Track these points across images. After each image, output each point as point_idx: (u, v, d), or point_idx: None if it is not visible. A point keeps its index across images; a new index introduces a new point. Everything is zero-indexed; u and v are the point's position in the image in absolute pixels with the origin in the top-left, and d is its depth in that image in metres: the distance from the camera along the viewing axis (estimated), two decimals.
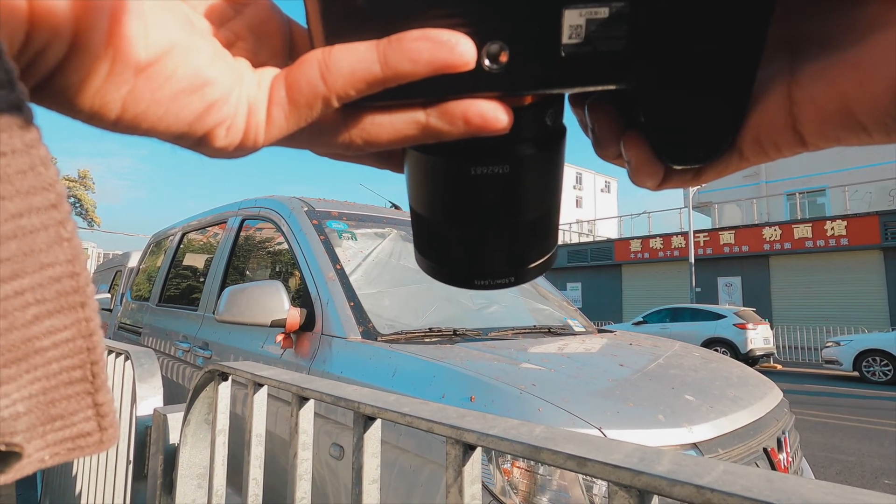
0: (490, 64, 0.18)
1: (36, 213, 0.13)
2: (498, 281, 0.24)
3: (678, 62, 0.18)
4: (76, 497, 1.63)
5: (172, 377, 2.31)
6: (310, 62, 0.18)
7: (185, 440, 1.01)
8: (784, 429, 1.43)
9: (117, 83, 0.16)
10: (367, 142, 0.19)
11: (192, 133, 0.17)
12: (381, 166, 0.24)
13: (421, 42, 0.17)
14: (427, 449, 1.08)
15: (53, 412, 0.15)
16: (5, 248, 0.13)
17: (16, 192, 0.13)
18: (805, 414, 5.98)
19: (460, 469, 0.41)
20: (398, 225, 2.15)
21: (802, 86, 0.17)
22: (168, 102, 0.16)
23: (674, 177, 0.21)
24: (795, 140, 0.18)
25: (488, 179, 0.21)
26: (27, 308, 0.13)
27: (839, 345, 9.24)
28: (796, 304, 14.67)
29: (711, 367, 1.61)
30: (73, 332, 0.14)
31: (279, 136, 0.19)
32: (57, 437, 0.15)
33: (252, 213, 2.23)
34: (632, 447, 0.32)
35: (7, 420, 0.14)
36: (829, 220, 13.97)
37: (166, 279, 2.89)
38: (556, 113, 0.21)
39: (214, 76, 0.17)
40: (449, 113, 0.18)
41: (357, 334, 1.47)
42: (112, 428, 0.16)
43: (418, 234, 0.25)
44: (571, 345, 1.69)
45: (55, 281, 0.14)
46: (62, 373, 0.15)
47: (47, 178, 0.13)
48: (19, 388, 0.14)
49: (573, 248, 19.59)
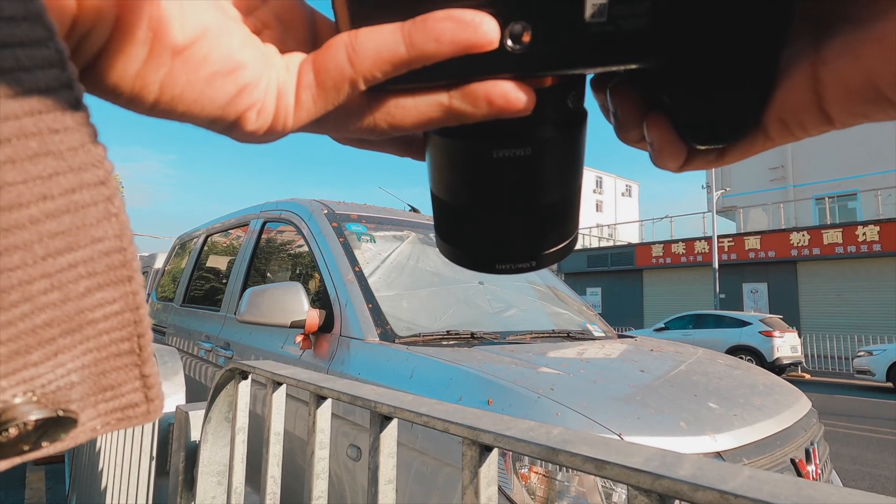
0: (513, 44, 0.18)
1: (87, 189, 0.14)
2: (519, 265, 0.24)
3: (702, 39, 0.18)
4: (101, 491, 1.67)
5: (195, 376, 2.36)
6: (337, 45, 0.18)
7: (206, 438, 1.02)
8: (813, 440, 1.38)
9: (155, 66, 0.16)
10: (392, 125, 0.20)
11: (225, 116, 0.18)
12: (402, 153, 0.24)
13: (445, 22, 0.17)
14: (444, 451, 1.08)
15: (104, 382, 0.16)
16: (60, 222, 0.13)
17: (69, 168, 0.13)
18: (836, 425, 5.77)
19: (476, 470, 0.40)
20: (416, 228, 2.16)
21: (827, 63, 0.17)
22: (203, 85, 0.17)
23: (697, 158, 0.20)
24: (821, 118, 0.17)
25: (510, 162, 0.21)
26: (80, 280, 0.14)
27: (871, 354, 8.91)
28: (826, 311, 14.22)
29: (736, 374, 1.57)
30: (122, 304, 0.15)
31: (307, 120, 0.19)
32: (108, 406, 0.16)
33: (273, 216, 2.27)
34: (652, 450, 0.31)
35: (63, 389, 0.15)
36: (860, 225, 13.53)
37: (190, 280, 2.95)
38: (577, 95, 0.21)
39: (246, 59, 0.18)
40: (472, 94, 0.18)
41: (375, 336, 1.48)
42: (158, 399, 0.17)
43: (440, 219, 0.25)
44: (591, 350, 1.66)
45: (105, 255, 0.14)
46: (112, 344, 0.15)
47: (96, 154, 0.14)
48: (73, 358, 0.14)
49: (593, 253, 19.36)
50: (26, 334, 0.13)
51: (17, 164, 0.12)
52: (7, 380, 0.13)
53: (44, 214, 0.13)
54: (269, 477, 0.77)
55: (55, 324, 0.14)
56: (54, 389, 0.14)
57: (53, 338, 0.14)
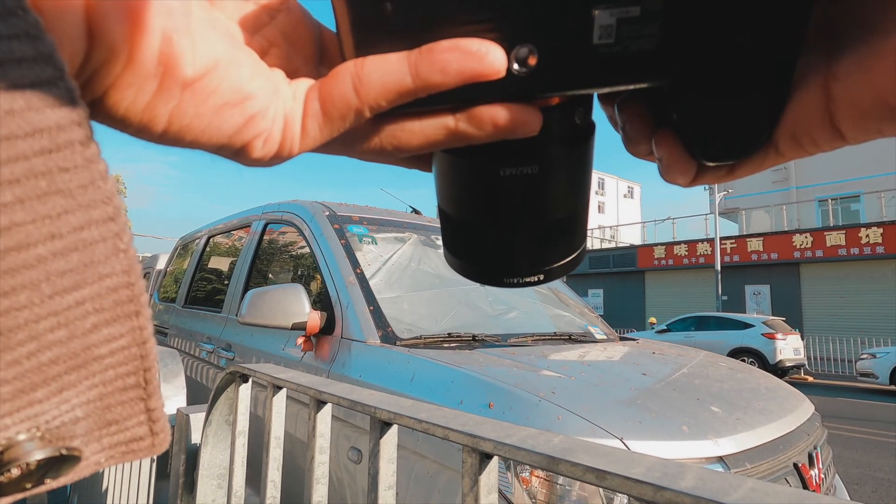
0: (519, 68, 0.17)
1: (95, 226, 0.14)
2: (527, 279, 0.24)
3: (712, 58, 0.17)
4: (103, 493, 1.67)
5: (197, 378, 2.36)
6: (343, 75, 0.18)
7: (207, 440, 1.02)
8: (816, 443, 1.37)
9: (165, 98, 0.16)
10: (398, 147, 0.20)
11: (231, 145, 0.18)
12: (409, 166, 0.25)
13: (451, 53, 0.17)
14: (445, 456, 1.08)
15: (109, 417, 0.16)
16: (68, 260, 0.13)
17: (77, 206, 0.13)
18: (839, 429, 5.75)
19: (476, 478, 0.40)
20: (418, 230, 2.15)
21: (839, 79, 0.17)
22: (211, 116, 0.17)
23: (707, 173, 0.20)
24: (833, 134, 0.17)
25: (517, 180, 0.21)
26: (87, 317, 0.14)
27: (875, 357, 8.87)
28: (829, 313, 14.16)
29: (738, 377, 1.56)
30: (129, 339, 0.15)
31: (313, 147, 0.19)
32: (112, 440, 0.16)
33: (275, 217, 2.27)
34: (654, 460, 0.31)
35: (67, 424, 0.15)
36: (863, 227, 13.48)
37: (192, 281, 2.95)
38: (585, 111, 0.21)
39: (254, 90, 0.18)
40: (478, 117, 0.19)
41: (376, 338, 1.48)
42: (163, 433, 0.17)
43: (447, 232, 0.25)
44: (592, 352, 1.66)
45: (112, 291, 0.14)
46: (117, 379, 0.15)
47: (105, 191, 0.14)
48: (78, 393, 0.15)
49: (595, 255, 19.33)
50: (32, 372, 0.13)
51: (25, 203, 0.12)
52: (11, 417, 0.14)
53: (52, 253, 0.13)
54: (269, 481, 0.77)
55: (61, 361, 0.14)
56: (58, 425, 0.15)
57: (59, 374, 0.14)
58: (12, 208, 0.12)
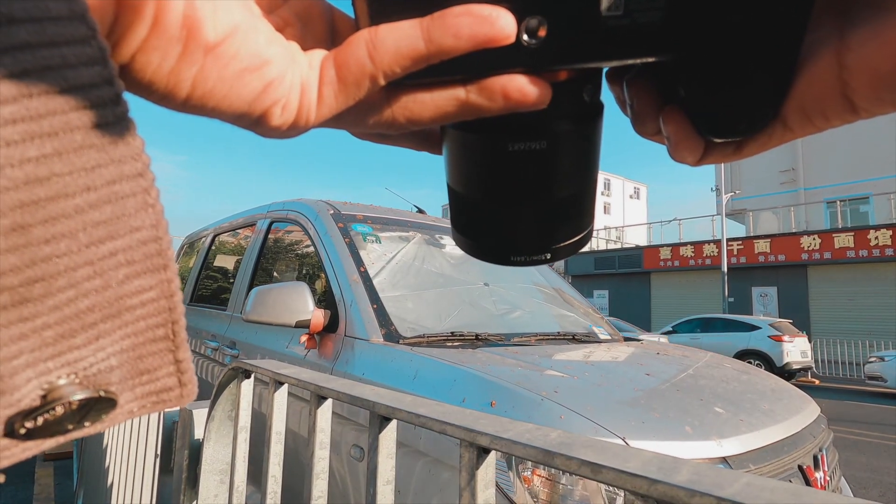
0: (529, 39, 0.18)
1: (126, 180, 0.14)
2: (534, 257, 0.24)
3: (719, 32, 0.17)
4: (108, 487, 1.68)
5: (202, 375, 2.37)
6: (357, 42, 0.18)
7: (209, 436, 1.03)
8: (821, 446, 1.36)
9: (189, 63, 0.16)
10: (410, 119, 0.20)
11: (251, 112, 0.18)
12: (419, 147, 0.25)
13: (463, 17, 0.17)
14: (445, 453, 1.08)
15: (141, 367, 0.16)
16: (102, 212, 0.14)
17: (110, 160, 0.14)
18: (846, 432, 5.70)
19: (473, 472, 0.40)
20: (422, 229, 2.16)
21: (852, 48, 0.16)
22: (232, 80, 0.17)
23: (714, 151, 0.20)
24: (845, 107, 0.17)
25: (526, 156, 0.21)
26: (119, 268, 0.15)
27: (884, 360, 8.78)
28: (837, 316, 14.03)
29: (744, 379, 1.55)
30: (158, 292, 0.16)
31: (329, 115, 0.20)
32: (144, 390, 0.17)
33: (280, 216, 2.28)
34: (650, 455, 0.31)
35: (103, 372, 0.15)
36: (872, 229, 13.35)
37: (198, 279, 2.97)
38: (593, 88, 0.21)
39: (272, 56, 0.18)
40: (488, 89, 0.19)
41: (379, 336, 1.48)
42: (191, 384, 0.18)
43: (456, 211, 0.25)
44: (596, 352, 1.65)
45: (142, 244, 0.15)
46: (148, 330, 0.16)
47: (135, 147, 0.15)
48: (112, 342, 0.15)
49: (600, 255, 19.26)
50: (71, 318, 0.14)
51: (63, 155, 0.13)
52: (53, 361, 0.14)
53: (87, 204, 0.14)
54: (270, 476, 0.77)
55: (97, 309, 0.15)
56: (95, 372, 0.15)
57: (95, 322, 0.15)
58: (51, 160, 0.13)
